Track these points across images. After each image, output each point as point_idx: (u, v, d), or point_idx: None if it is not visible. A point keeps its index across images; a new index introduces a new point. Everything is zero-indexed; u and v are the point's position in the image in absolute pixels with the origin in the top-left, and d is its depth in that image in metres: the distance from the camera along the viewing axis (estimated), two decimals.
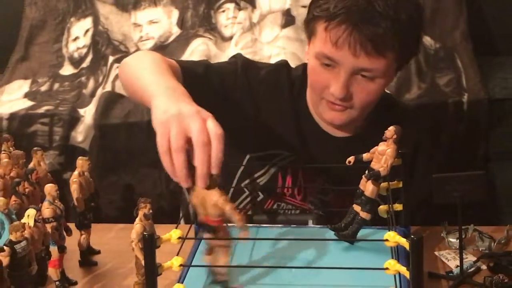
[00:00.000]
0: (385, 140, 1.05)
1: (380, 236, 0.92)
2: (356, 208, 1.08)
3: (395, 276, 0.90)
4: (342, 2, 1.20)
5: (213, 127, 0.95)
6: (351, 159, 1.07)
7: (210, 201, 0.94)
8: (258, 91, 1.36)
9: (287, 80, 1.38)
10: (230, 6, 2.20)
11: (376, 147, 1.06)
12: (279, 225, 1.22)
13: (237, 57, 1.42)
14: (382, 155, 1.05)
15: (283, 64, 1.43)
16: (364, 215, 1.07)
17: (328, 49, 1.22)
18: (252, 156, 1.36)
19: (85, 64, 2.16)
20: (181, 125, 0.95)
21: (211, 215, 0.95)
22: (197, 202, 0.97)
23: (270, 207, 1.39)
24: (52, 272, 1.10)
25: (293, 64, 1.90)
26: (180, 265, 0.92)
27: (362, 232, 1.11)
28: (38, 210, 1.07)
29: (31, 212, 1.06)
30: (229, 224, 0.96)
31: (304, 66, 1.37)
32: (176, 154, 0.94)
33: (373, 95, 1.26)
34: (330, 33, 1.21)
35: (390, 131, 1.06)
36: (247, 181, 1.37)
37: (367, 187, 1.06)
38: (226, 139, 0.96)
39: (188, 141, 0.94)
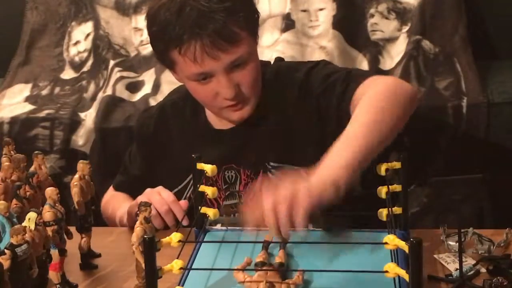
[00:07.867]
0: None
1: (380, 239, 0.93)
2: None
3: (394, 279, 0.91)
4: (176, 24, 1.23)
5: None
6: None
7: None
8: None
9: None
10: None
11: None
12: None
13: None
14: None
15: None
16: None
17: (194, 68, 1.26)
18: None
19: (85, 68, 2.15)
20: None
21: None
22: None
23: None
24: (53, 275, 1.11)
25: None
26: (180, 268, 0.93)
27: (362, 235, 1.12)
28: (39, 214, 1.07)
29: (32, 216, 1.06)
30: None
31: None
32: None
33: (254, 73, 1.31)
34: (185, 56, 1.24)
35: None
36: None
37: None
38: None
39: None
